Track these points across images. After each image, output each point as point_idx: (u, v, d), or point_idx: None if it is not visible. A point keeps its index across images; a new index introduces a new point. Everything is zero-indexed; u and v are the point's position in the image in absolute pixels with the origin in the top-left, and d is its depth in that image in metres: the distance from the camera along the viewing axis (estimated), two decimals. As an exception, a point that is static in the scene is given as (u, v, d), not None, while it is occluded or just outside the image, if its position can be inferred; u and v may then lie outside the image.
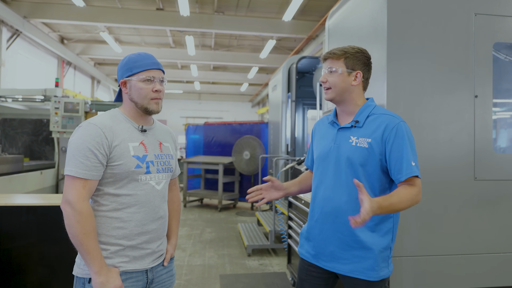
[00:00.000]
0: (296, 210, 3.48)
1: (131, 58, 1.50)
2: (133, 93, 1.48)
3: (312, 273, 1.68)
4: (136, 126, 1.50)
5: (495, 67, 2.55)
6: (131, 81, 1.47)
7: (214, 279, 3.95)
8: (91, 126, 1.39)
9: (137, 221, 1.44)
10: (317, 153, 1.71)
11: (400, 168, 1.52)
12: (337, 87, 1.60)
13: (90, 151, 1.36)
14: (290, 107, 5.91)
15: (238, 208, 8.32)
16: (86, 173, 1.35)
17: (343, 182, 1.58)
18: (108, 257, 1.41)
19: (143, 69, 1.47)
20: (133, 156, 1.43)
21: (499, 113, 3.18)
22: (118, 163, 1.40)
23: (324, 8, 9.45)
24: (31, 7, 9.52)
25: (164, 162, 1.55)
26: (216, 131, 9.30)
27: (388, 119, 1.57)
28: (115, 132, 1.43)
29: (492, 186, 2.49)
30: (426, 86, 2.43)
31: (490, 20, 2.49)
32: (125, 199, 1.43)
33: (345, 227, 1.56)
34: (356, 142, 1.57)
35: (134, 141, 1.47)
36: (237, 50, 13.90)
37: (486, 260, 2.49)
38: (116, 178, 1.41)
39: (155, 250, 1.51)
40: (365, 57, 1.64)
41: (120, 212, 1.42)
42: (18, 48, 10.20)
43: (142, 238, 1.45)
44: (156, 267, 1.53)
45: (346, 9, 3.18)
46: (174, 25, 10.18)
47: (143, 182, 1.46)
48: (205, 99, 23.50)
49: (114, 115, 1.49)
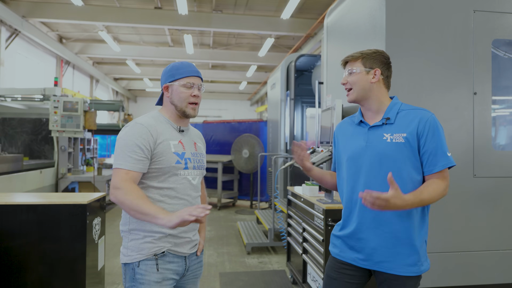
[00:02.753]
0: (295, 208, 3.49)
1: (175, 65, 1.67)
2: (174, 97, 1.64)
3: (345, 271, 1.68)
4: (175, 126, 1.67)
5: (494, 64, 2.55)
6: (173, 85, 1.64)
7: (213, 277, 3.95)
8: (138, 126, 1.56)
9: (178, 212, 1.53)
10: (348, 154, 1.70)
11: (435, 159, 1.56)
12: (357, 85, 1.64)
13: (137, 147, 1.51)
14: (289, 105, 5.91)
15: (237, 207, 8.33)
16: (132, 166, 1.49)
17: (382, 180, 1.57)
18: (153, 242, 1.55)
19: (185, 75, 1.64)
20: (173, 153, 1.59)
21: (498, 110, 3.18)
22: (161, 159, 1.56)
23: (322, 6, 9.44)
24: (29, 7, 9.50)
25: (199, 160, 1.71)
26: (215, 129, 9.30)
27: (420, 113, 1.60)
28: (159, 131, 1.59)
29: (491, 183, 2.49)
30: (425, 83, 2.43)
31: (489, 16, 2.49)
32: (167, 191, 1.58)
33: (388, 225, 1.58)
34: (391, 138, 1.59)
35: (174, 140, 1.63)
36: (235, 48, 13.88)
37: (485, 257, 2.49)
38: (159, 172, 1.57)
39: (192, 239, 1.66)
40: (383, 56, 1.68)
41: (162, 203, 1.57)
42: (17, 47, 10.17)
43: (181, 228, 1.58)
44: (191, 255, 1.68)
45: (345, 7, 3.18)
46: (172, 23, 10.16)
47: (182, 176, 1.61)
48: (203, 97, 23.39)
49: (156, 117, 1.65)
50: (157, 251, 1.55)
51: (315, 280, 2.85)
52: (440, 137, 1.57)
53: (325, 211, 2.57)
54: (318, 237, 2.69)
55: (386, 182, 1.53)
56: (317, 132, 3.83)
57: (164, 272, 1.54)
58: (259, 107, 20.36)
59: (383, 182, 1.56)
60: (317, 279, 2.80)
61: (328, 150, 2.59)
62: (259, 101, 22.32)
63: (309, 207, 2.97)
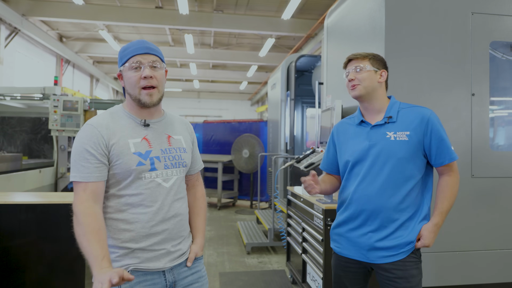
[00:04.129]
0: (295, 208, 3.50)
1: (124, 47, 1.38)
2: (126, 84, 1.36)
3: (349, 269, 1.72)
4: (138, 121, 1.38)
5: (492, 65, 2.56)
6: (123, 71, 1.36)
7: (213, 277, 3.96)
8: (87, 127, 1.32)
9: (144, 222, 1.33)
10: (349, 154, 1.72)
11: (442, 153, 1.63)
12: (366, 82, 1.67)
13: (88, 153, 1.29)
14: (289, 105, 5.92)
15: (237, 206, 8.34)
16: (86, 176, 1.28)
17: (386, 178, 1.62)
18: (117, 260, 1.32)
19: (130, 55, 1.33)
20: (134, 153, 1.32)
21: (496, 111, 3.19)
22: (117, 162, 1.31)
23: (323, 6, 9.45)
24: (29, 5, 9.50)
25: (174, 156, 1.41)
26: (215, 129, 9.30)
27: (421, 110, 1.66)
28: (112, 129, 1.33)
29: (489, 183, 2.50)
30: (424, 84, 2.44)
31: (487, 19, 2.50)
32: (129, 199, 1.33)
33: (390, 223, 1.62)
34: (395, 136, 1.63)
35: (136, 137, 1.35)
36: (236, 48, 13.89)
37: (483, 257, 2.51)
38: (118, 178, 1.33)
39: (171, 250, 1.38)
40: (383, 61, 1.76)
41: (124, 213, 1.33)
42: (17, 46, 10.18)
43: (152, 240, 1.34)
44: (177, 267, 1.40)
45: (345, 8, 3.19)
46: (173, 23, 10.17)
47: (148, 180, 1.34)
48: (204, 97, 23.49)
49: (115, 112, 1.39)
50: (128, 268, 1.30)
51: (315, 280, 2.86)
52: (442, 133, 1.64)
53: (325, 211, 2.58)
54: (318, 237, 2.70)
55: (388, 180, 1.60)
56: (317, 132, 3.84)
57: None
58: (260, 107, 20.37)
59: (385, 180, 1.61)
60: (316, 279, 2.81)
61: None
62: (260, 101, 22.33)
63: (309, 207, 2.98)
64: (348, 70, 1.73)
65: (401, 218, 1.62)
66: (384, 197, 1.62)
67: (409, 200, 1.62)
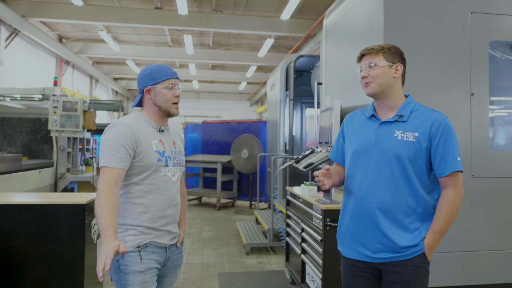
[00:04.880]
0: (294, 208, 3.50)
1: (154, 69, 1.74)
2: (157, 99, 1.73)
3: (358, 273, 1.68)
4: (155, 126, 1.75)
5: (491, 65, 2.56)
6: (155, 88, 1.72)
7: (212, 277, 3.96)
8: (121, 126, 1.64)
9: (158, 207, 1.69)
10: (354, 148, 1.68)
11: (445, 162, 1.55)
12: (380, 79, 1.60)
13: (121, 146, 1.60)
14: (288, 105, 5.92)
15: (236, 207, 8.33)
16: (114, 163, 1.58)
17: (389, 177, 1.58)
18: (136, 235, 1.64)
19: (167, 78, 1.73)
20: (155, 151, 1.69)
21: (495, 111, 3.20)
22: (143, 157, 1.65)
23: (322, 6, 9.46)
24: (29, 6, 9.50)
25: (178, 158, 1.80)
26: (214, 129, 9.30)
27: (435, 114, 1.59)
28: (140, 130, 1.68)
29: (488, 183, 2.50)
30: (423, 84, 2.44)
31: (486, 18, 2.50)
32: (148, 187, 1.67)
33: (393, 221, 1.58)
34: (402, 136, 1.57)
35: (155, 139, 1.72)
36: (235, 49, 13.89)
37: (483, 257, 2.50)
38: (141, 169, 1.66)
39: (172, 231, 1.75)
40: (400, 52, 1.66)
41: (143, 198, 1.67)
42: (17, 47, 10.18)
43: (162, 221, 1.70)
44: (172, 246, 1.78)
45: (343, 8, 3.19)
46: (172, 24, 10.17)
47: (163, 173, 1.71)
48: (203, 98, 23.49)
49: (137, 117, 1.74)
50: (139, 243, 1.63)
51: (314, 280, 2.86)
52: (452, 141, 1.56)
53: (324, 211, 2.58)
54: (317, 237, 2.70)
55: (391, 179, 1.56)
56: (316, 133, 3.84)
57: (147, 262, 1.63)
58: (259, 107, 20.37)
59: (389, 179, 1.58)
60: (315, 279, 2.81)
61: (327, 150, 2.60)
62: (259, 101, 22.33)
63: (308, 207, 2.98)
64: (361, 66, 1.65)
65: (405, 220, 1.57)
66: (388, 198, 1.58)
67: (413, 203, 1.57)
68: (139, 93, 1.78)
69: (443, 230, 1.56)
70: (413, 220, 1.58)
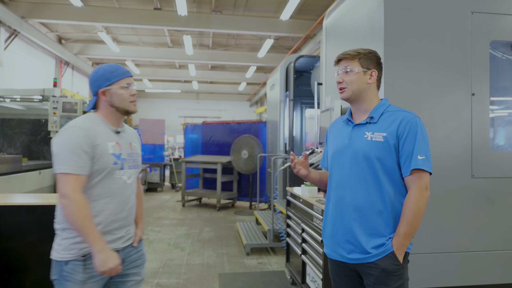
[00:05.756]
0: (294, 209, 3.49)
1: (107, 69, 1.70)
2: (114, 99, 1.69)
3: (342, 273, 1.70)
4: (112, 128, 1.71)
5: (492, 65, 2.56)
6: (111, 89, 1.68)
7: (213, 278, 3.96)
8: (76, 129, 1.59)
9: (110, 211, 1.65)
10: (332, 152, 1.74)
11: (409, 161, 1.55)
12: (354, 85, 1.64)
13: (82, 150, 1.56)
14: (288, 106, 5.92)
15: (236, 207, 8.33)
16: (78, 169, 1.54)
17: (360, 177, 1.60)
18: (83, 242, 1.58)
19: (121, 77, 1.70)
20: (111, 154, 1.65)
21: (496, 111, 3.19)
22: (100, 160, 1.61)
23: (321, 7, 9.46)
24: (29, 7, 9.49)
25: (134, 159, 1.77)
26: (214, 130, 9.30)
27: (403, 114, 1.61)
28: (96, 132, 1.63)
29: (489, 183, 2.50)
30: (423, 84, 2.44)
31: (487, 18, 2.50)
32: (100, 191, 1.63)
33: (364, 221, 1.59)
34: (372, 136, 1.61)
35: (111, 141, 1.68)
36: (235, 49, 13.89)
37: (483, 257, 2.50)
38: (96, 173, 1.61)
39: (124, 235, 1.73)
40: (377, 57, 1.69)
41: (95, 202, 1.62)
42: (16, 48, 10.17)
43: (114, 225, 1.67)
44: (127, 247, 1.75)
45: (343, 8, 3.19)
46: (171, 24, 10.17)
47: (117, 177, 1.67)
48: (203, 98, 23.48)
49: (92, 118, 1.69)
50: (86, 251, 1.59)
51: (314, 281, 2.85)
52: (418, 140, 1.56)
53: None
54: (317, 238, 2.70)
55: (362, 179, 1.59)
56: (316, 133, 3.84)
57: (91, 271, 1.59)
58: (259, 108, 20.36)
59: (360, 180, 1.60)
60: (316, 280, 2.80)
61: None
62: (259, 102, 22.33)
63: (308, 207, 2.97)
64: (337, 71, 1.70)
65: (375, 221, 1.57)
66: (359, 198, 1.60)
67: (383, 203, 1.58)
68: (93, 95, 1.72)
69: (407, 233, 1.54)
70: (381, 223, 1.58)
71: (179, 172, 10.74)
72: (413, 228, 1.54)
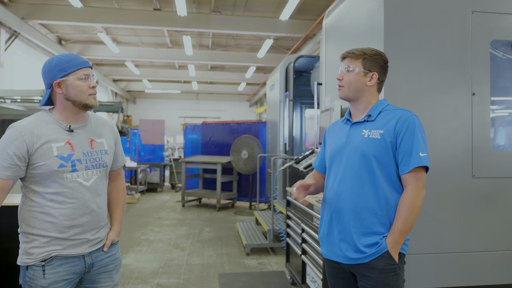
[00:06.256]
0: (294, 209, 3.49)
1: (62, 59, 1.54)
2: (70, 92, 1.53)
3: (339, 275, 1.68)
4: (64, 126, 1.56)
5: (492, 64, 2.56)
6: (67, 81, 1.52)
7: (213, 278, 3.95)
8: (12, 130, 1.49)
9: (66, 216, 1.53)
10: (329, 151, 1.73)
11: (408, 159, 1.54)
12: (352, 85, 1.64)
13: (6, 154, 1.46)
14: (288, 106, 5.91)
15: (236, 208, 8.32)
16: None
17: (356, 175, 1.59)
18: (42, 246, 1.52)
19: (78, 67, 1.54)
20: (56, 156, 1.50)
21: (496, 111, 3.19)
22: (40, 164, 1.48)
23: (321, 7, 9.45)
24: (29, 9, 9.49)
25: (95, 158, 1.60)
26: (214, 130, 9.29)
27: (401, 112, 1.61)
28: (37, 134, 1.49)
29: (490, 183, 2.49)
30: (423, 84, 2.44)
31: (487, 17, 2.49)
32: (52, 196, 1.52)
33: (358, 220, 1.58)
34: (369, 134, 1.60)
35: (59, 142, 1.53)
36: (234, 49, 13.89)
37: (484, 258, 2.49)
38: (40, 177, 1.50)
39: (90, 239, 1.60)
40: (383, 60, 1.67)
41: (48, 208, 1.52)
42: (17, 49, 10.17)
43: (74, 231, 1.55)
44: (95, 252, 1.63)
45: (343, 8, 3.18)
46: (171, 25, 10.17)
47: (69, 180, 1.53)
48: (202, 99, 23.48)
49: (41, 117, 1.55)
50: (45, 256, 1.51)
51: (314, 281, 2.85)
52: (416, 137, 1.55)
53: (324, 212, 2.57)
54: (317, 238, 2.69)
55: (358, 177, 1.58)
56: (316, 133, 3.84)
57: (52, 276, 1.51)
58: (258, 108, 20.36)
59: (355, 177, 1.59)
60: (316, 280, 2.80)
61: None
62: (258, 102, 22.33)
63: (308, 208, 2.97)
64: (340, 67, 1.69)
65: (370, 220, 1.56)
66: (354, 196, 1.58)
67: (377, 203, 1.56)
68: (47, 88, 1.55)
69: (402, 231, 1.53)
70: (375, 222, 1.57)
71: (179, 173, 10.73)
72: (409, 226, 1.54)
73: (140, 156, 11.41)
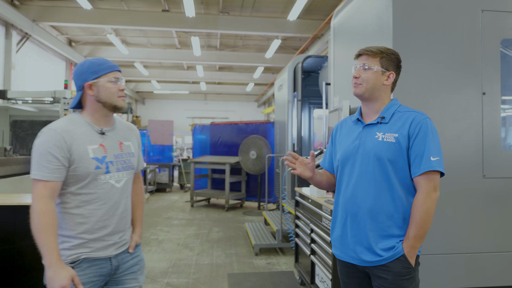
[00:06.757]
0: (303, 209, 3.49)
1: (94, 62, 1.60)
2: (101, 94, 1.58)
3: (352, 274, 1.68)
4: (96, 129, 1.60)
5: (503, 63, 2.53)
6: (98, 83, 1.58)
7: (222, 278, 3.97)
8: (51, 132, 1.50)
9: (98, 217, 1.56)
10: (341, 152, 1.70)
11: (419, 162, 1.52)
12: (370, 83, 1.61)
13: (51, 155, 1.47)
14: (296, 106, 5.91)
15: (245, 208, 8.34)
16: (48, 175, 1.46)
17: (371, 179, 1.58)
18: (71, 248, 1.53)
19: (109, 70, 1.60)
20: (92, 158, 1.54)
21: (507, 110, 3.16)
22: (79, 165, 1.52)
23: (329, 7, 9.43)
24: (39, 11, 9.64)
25: (124, 161, 1.66)
26: (222, 131, 9.33)
27: (414, 115, 1.59)
28: (74, 135, 1.53)
29: (501, 184, 2.47)
30: (433, 84, 2.42)
31: (497, 16, 2.47)
32: (86, 197, 1.54)
33: (375, 224, 1.57)
34: (383, 137, 1.58)
35: (93, 144, 1.57)
36: (242, 50, 13.91)
37: (494, 259, 2.47)
38: (77, 178, 1.53)
39: (117, 241, 1.63)
40: (398, 59, 1.66)
41: (81, 209, 1.54)
42: (28, 51, 10.33)
43: (104, 232, 1.58)
44: (121, 254, 1.65)
45: (351, 8, 3.18)
46: (179, 26, 10.23)
47: (103, 181, 1.57)
48: (211, 99, 23.56)
49: (74, 119, 1.59)
50: (74, 258, 1.52)
51: (324, 281, 2.85)
52: (429, 141, 1.53)
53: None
54: (326, 238, 2.69)
55: (373, 180, 1.56)
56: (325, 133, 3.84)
57: (80, 278, 1.51)
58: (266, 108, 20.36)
59: (371, 180, 1.58)
60: (325, 280, 2.80)
61: None
62: (266, 102, 22.33)
63: (317, 208, 2.97)
64: (356, 65, 1.65)
65: (386, 223, 1.55)
66: (370, 200, 1.57)
67: (393, 206, 1.55)
68: (78, 90, 1.59)
69: (416, 236, 1.52)
70: (391, 225, 1.56)
71: (188, 173, 10.79)
72: (423, 230, 1.52)
73: (149, 156, 11.50)
